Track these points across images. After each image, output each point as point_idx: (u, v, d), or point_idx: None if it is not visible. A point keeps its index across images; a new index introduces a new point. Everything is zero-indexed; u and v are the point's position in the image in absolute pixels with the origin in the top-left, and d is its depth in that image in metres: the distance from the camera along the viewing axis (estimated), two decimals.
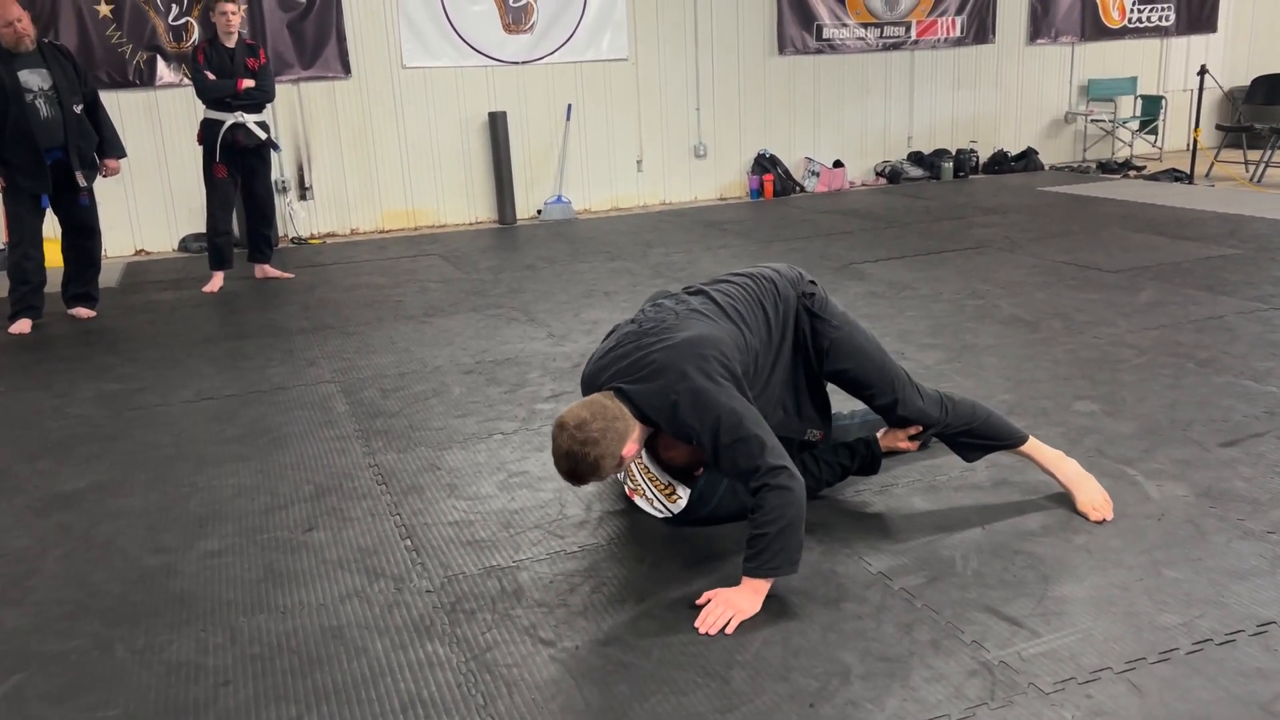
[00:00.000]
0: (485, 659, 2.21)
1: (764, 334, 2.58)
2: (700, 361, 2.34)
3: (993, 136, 10.36)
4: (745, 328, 2.53)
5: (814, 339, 2.68)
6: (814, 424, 2.76)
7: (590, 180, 9.00)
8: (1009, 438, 2.79)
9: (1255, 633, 2.15)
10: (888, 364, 2.73)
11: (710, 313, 2.52)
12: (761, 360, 2.56)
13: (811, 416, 2.75)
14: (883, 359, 2.73)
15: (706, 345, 2.38)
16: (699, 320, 2.48)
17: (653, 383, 2.34)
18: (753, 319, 2.57)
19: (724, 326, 2.49)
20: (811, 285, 2.72)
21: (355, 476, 3.26)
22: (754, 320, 2.57)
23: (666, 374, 2.33)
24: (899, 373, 2.74)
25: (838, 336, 2.68)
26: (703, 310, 2.53)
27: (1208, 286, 5.11)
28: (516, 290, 5.89)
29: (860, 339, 2.72)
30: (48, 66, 5.30)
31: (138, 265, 7.37)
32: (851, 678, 2.07)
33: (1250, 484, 2.86)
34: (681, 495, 2.71)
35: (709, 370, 2.33)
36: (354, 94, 8.15)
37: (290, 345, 4.92)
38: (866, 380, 2.71)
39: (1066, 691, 1.99)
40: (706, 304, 2.56)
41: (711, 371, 2.33)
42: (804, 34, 9.41)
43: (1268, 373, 3.78)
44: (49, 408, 4.13)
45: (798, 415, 2.71)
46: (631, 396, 2.35)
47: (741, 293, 2.63)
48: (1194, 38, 11.07)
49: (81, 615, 2.47)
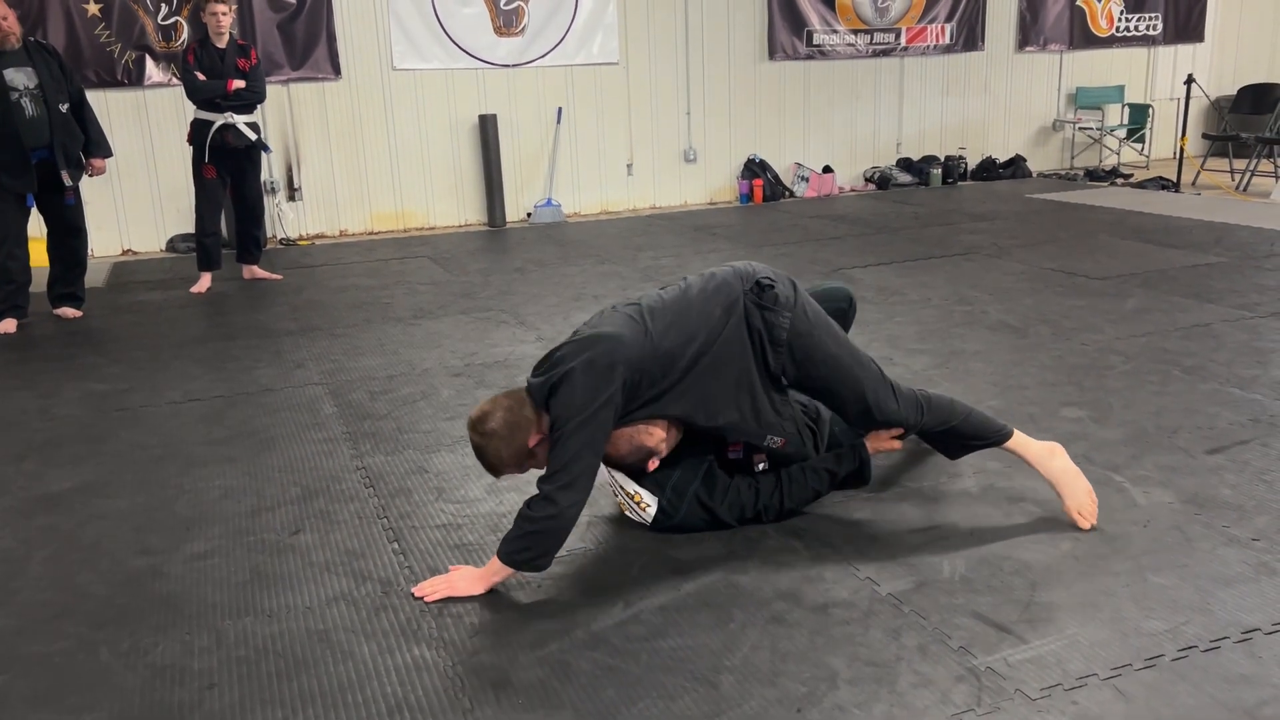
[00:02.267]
0: (472, 663, 2.20)
1: (696, 333, 2.52)
2: (590, 353, 2.41)
3: (981, 143, 10.41)
4: (656, 327, 2.50)
5: (769, 333, 2.57)
6: (774, 430, 2.66)
7: (580, 183, 9.01)
8: (992, 434, 2.75)
9: (1240, 639, 2.16)
10: (859, 370, 2.63)
11: (632, 314, 2.55)
12: (686, 359, 2.50)
13: (772, 422, 2.64)
14: (854, 365, 2.63)
15: (599, 343, 2.44)
16: (611, 320, 2.54)
17: (548, 374, 2.45)
18: (674, 319, 2.53)
19: (634, 327, 2.50)
20: (770, 280, 2.61)
21: (343, 479, 3.25)
22: (681, 320, 2.53)
23: (559, 365, 2.43)
24: (871, 378, 2.64)
25: (798, 335, 2.58)
26: (627, 313, 2.56)
27: (1194, 294, 5.15)
28: (506, 293, 5.89)
29: (829, 346, 2.62)
30: (34, 65, 5.27)
31: (125, 265, 7.33)
32: (839, 683, 2.07)
33: (1236, 491, 2.87)
34: (650, 504, 2.71)
35: (595, 364, 2.39)
36: (344, 95, 8.13)
37: (278, 347, 4.91)
38: (834, 389, 2.64)
39: (1053, 698, 1.99)
40: (630, 307, 2.60)
41: (597, 367, 2.39)
42: (794, 40, 9.44)
43: (1253, 380, 3.80)
44: (34, 408, 4.10)
45: (755, 419, 2.62)
46: (530, 388, 2.48)
47: (676, 294, 2.62)
48: (1181, 47, 11.15)
49: (66, 617, 2.45)
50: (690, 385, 2.52)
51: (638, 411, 2.51)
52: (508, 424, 2.43)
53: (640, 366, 2.44)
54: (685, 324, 2.53)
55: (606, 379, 2.38)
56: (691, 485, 2.71)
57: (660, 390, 2.50)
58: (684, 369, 2.51)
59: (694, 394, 2.53)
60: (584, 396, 2.37)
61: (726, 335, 2.55)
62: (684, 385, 2.52)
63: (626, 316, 2.54)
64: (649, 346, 2.47)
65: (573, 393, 2.38)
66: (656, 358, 2.47)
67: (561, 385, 2.40)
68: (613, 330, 2.48)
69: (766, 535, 2.72)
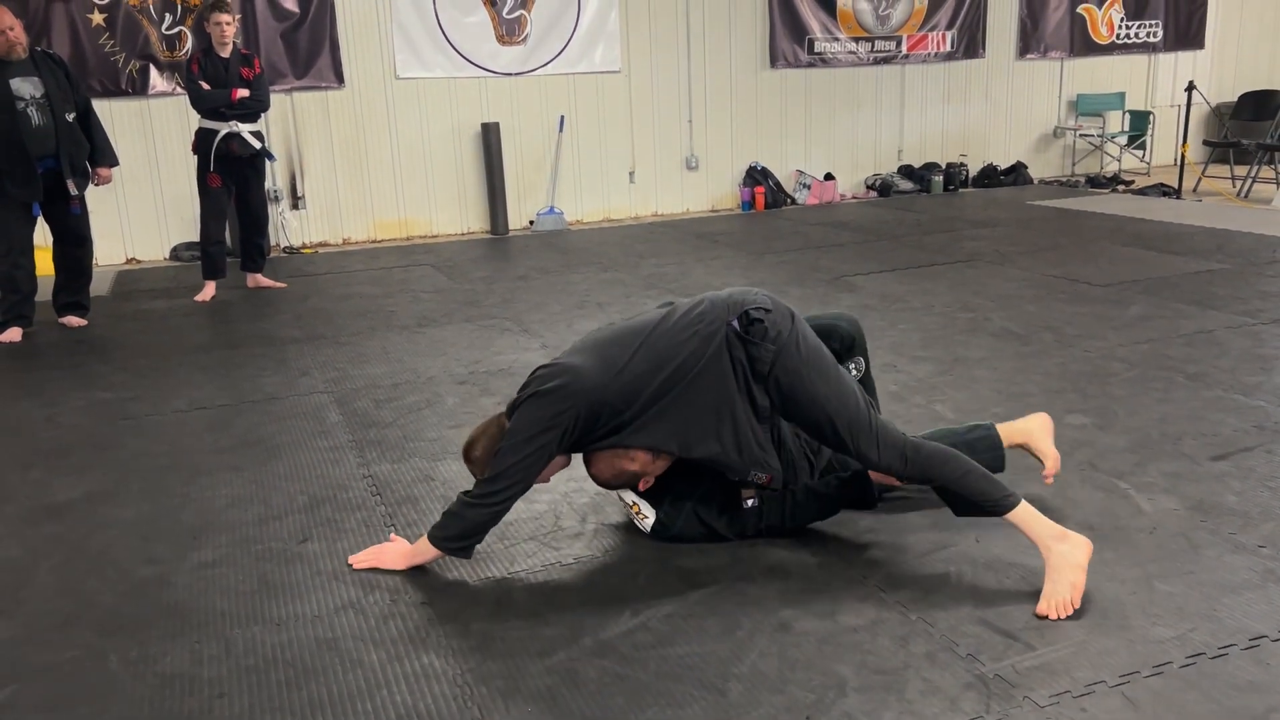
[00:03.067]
0: (481, 671, 2.20)
1: (665, 362, 2.48)
2: (547, 384, 2.49)
3: (982, 150, 10.43)
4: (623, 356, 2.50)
5: (751, 366, 2.50)
6: (759, 465, 2.56)
7: (583, 191, 9.02)
8: (989, 504, 2.47)
9: (1248, 646, 2.17)
10: (844, 415, 2.48)
11: (603, 340, 2.59)
12: (652, 388, 2.48)
13: (757, 458, 2.55)
14: (840, 409, 2.48)
15: (558, 375, 2.50)
16: (582, 349, 2.59)
17: (517, 397, 2.58)
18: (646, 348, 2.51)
19: (600, 358, 2.51)
20: (760, 312, 2.51)
21: (349, 487, 3.26)
22: (652, 349, 2.50)
23: (525, 389, 2.56)
24: (854, 424, 2.49)
25: (786, 371, 2.48)
26: (598, 339, 2.61)
27: (1196, 301, 5.15)
28: (509, 301, 5.90)
29: (816, 385, 2.49)
30: (40, 75, 5.29)
31: (129, 274, 7.34)
32: (848, 690, 2.07)
33: (1241, 498, 2.88)
34: (648, 515, 2.73)
35: (547, 394, 2.47)
36: (347, 104, 8.16)
37: (283, 355, 4.92)
38: (813, 429, 2.55)
39: (1061, 705, 1.99)
40: (607, 331, 2.65)
41: (548, 396, 2.47)
42: (796, 48, 9.46)
43: (1256, 387, 3.81)
44: (40, 417, 4.11)
45: (737, 452, 2.53)
46: (507, 411, 2.60)
47: (655, 319, 2.59)
48: (1182, 54, 11.17)
49: (74, 626, 2.46)
50: (658, 415, 2.49)
51: (603, 440, 2.53)
52: (488, 451, 2.55)
53: (599, 398, 2.47)
54: (655, 354, 2.50)
55: (555, 410, 2.46)
56: (689, 500, 2.72)
57: (622, 421, 2.49)
58: (650, 399, 2.48)
59: (664, 424, 2.50)
60: (528, 422, 2.48)
61: (703, 366, 2.49)
62: (650, 415, 2.49)
63: (596, 342, 2.59)
64: (610, 376, 2.48)
65: (521, 417, 2.51)
66: (619, 389, 2.47)
67: (519, 408, 2.53)
68: (575, 363, 2.52)
69: (774, 543, 2.73)
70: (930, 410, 3.71)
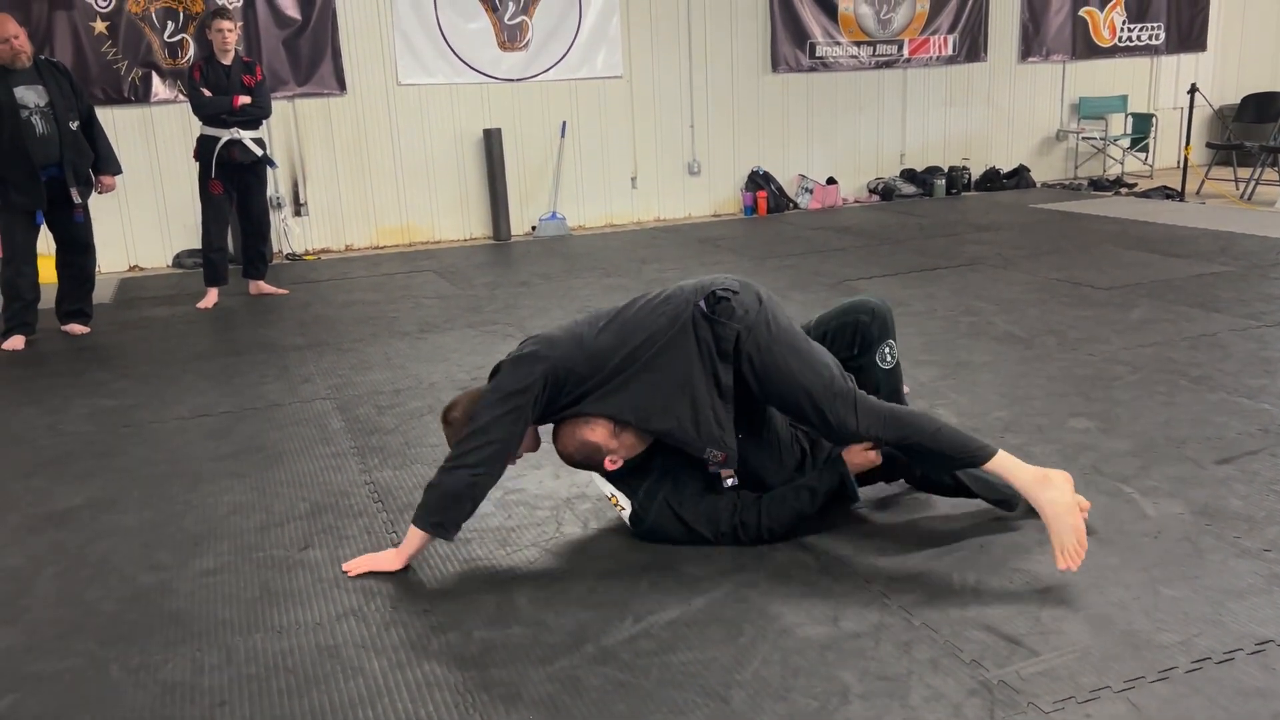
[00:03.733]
0: (483, 678, 2.20)
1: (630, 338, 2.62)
2: (522, 350, 2.66)
3: (985, 154, 10.42)
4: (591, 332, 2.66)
5: (717, 345, 2.58)
6: (714, 443, 2.61)
7: (585, 197, 9.03)
8: (967, 455, 2.56)
9: (1253, 651, 2.15)
10: (818, 387, 2.56)
11: (579, 319, 2.77)
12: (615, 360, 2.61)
13: (714, 435, 2.60)
14: (813, 381, 2.56)
15: (531, 342, 2.68)
16: (561, 325, 2.79)
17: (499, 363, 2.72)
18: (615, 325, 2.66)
19: (572, 331, 2.70)
20: (727, 292, 2.61)
21: (351, 494, 3.25)
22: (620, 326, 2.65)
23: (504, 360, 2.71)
24: (830, 394, 2.56)
25: (757, 349, 2.56)
26: (576, 319, 2.79)
27: (1200, 304, 5.14)
28: (512, 306, 5.90)
29: (787, 361, 2.57)
30: (44, 83, 5.31)
31: (132, 281, 7.35)
32: (851, 697, 2.06)
33: (1246, 501, 2.87)
34: (625, 506, 2.76)
35: (521, 358, 2.63)
36: (349, 110, 8.17)
37: (285, 361, 4.92)
38: (790, 405, 2.62)
39: (1066, 711, 1.98)
40: (584, 314, 2.83)
41: (522, 360, 2.63)
42: (797, 52, 9.47)
43: (1261, 390, 3.79)
44: (42, 424, 4.11)
45: (694, 429, 2.60)
46: (489, 376, 2.73)
47: (626, 304, 2.74)
48: (1184, 56, 11.16)
49: (75, 634, 2.46)
50: (620, 387, 2.61)
51: (567, 407, 2.65)
52: (466, 413, 2.65)
53: (566, 365, 2.60)
54: (622, 330, 2.64)
55: (527, 372, 2.59)
56: (662, 490, 2.72)
57: (586, 389, 2.62)
58: (612, 370, 2.61)
59: (623, 395, 2.61)
60: (504, 383, 2.61)
61: (667, 342, 2.60)
62: (612, 386, 2.61)
63: (573, 322, 2.76)
64: (578, 347, 2.63)
65: (497, 380, 2.64)
66: (585, 358, 2.61)
67: (496, 374, 2.67)
68: (548, 333, 2.74)
69: (776, 549, 2.71)
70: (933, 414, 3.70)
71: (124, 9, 7.46)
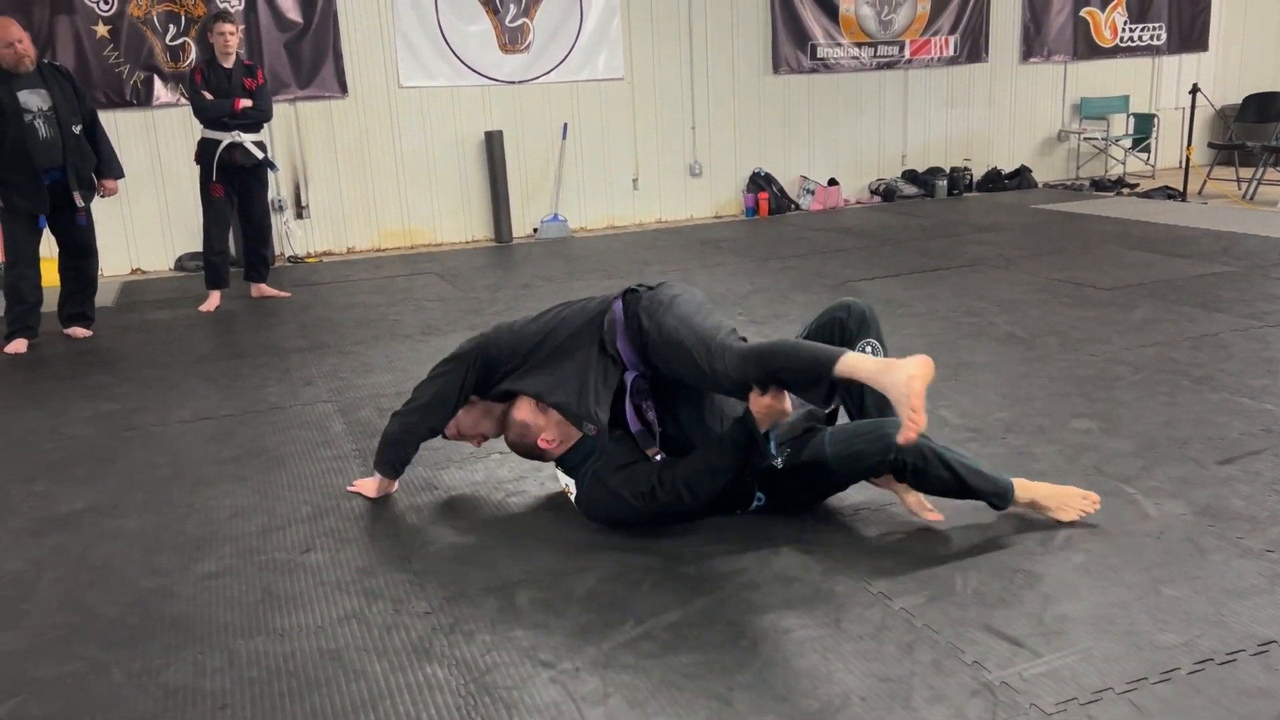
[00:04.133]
0: (485, 681, 2.20)
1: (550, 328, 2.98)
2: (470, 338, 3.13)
3: (986, 154, 10.41)
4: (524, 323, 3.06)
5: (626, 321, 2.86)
6: (590, 418, 2.87)
7: (586, 199, 9.03)
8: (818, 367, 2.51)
9: (1256, 652, 2.15)
10: (695, 340, 2.69)
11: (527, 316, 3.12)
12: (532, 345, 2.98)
13: (590, 411, 2.85)
14: (690, 335, 2.71)
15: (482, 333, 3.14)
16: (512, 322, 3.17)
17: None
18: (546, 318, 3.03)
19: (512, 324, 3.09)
20: (643, 288, 2.92)
21: (353, 497, 3.25)
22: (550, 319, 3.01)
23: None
24: (705, 345, 2.67)
25: (647, 315, 2.81)
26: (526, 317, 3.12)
27: (1202, 304, 5.13)
28: (513, 309, 5.89)
29: (668, 319, 2.77)
30: (47, 87, 5.31)
31: (134, 284, 7.36)
32: (853, 699, 2.06)
33: (1248, 502, 2.86)
34: (573, 491, 2.95)
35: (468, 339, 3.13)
36: (351, 113, 8.18)
37: (287, 364, 4.92)
38: (677, 365, 2.76)
39: (1069, 712, 1.98)
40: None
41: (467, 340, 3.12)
42: (798, 53, 9.47)
43: (1263, 390, 3.79)
44: (45, 428, 4.12)
45: (578, 402, 2.87)
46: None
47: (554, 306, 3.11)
48: (1185, 56, 11.15)
49: (77, 638, 2.46)
50: (535, 366, 2.96)
51: (498, 383, 3.02)
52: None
53: (498, 347, 3.02)
54: (551, 322, 3.00)
55: (467, 346, 3.08)
56: (594, 465, 2.87)
57: (511, 368, 3.00)
58: (531, 351, 2.98)
59: (537, 374, 2.96)
60: (448, 356, 3.09)
61: (576, 330, 2.94)
62: (529, 365, 2.97)
63: (524, 320, 3.10)
64: (510, 333, 3.05)
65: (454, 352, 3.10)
66: (515, 341, 3.01)
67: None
68: (496, 325, 3.15)
69: (777, 551, 2.71)
70: (935, 415, 3.69)
71: (126, 12, 7.47)
